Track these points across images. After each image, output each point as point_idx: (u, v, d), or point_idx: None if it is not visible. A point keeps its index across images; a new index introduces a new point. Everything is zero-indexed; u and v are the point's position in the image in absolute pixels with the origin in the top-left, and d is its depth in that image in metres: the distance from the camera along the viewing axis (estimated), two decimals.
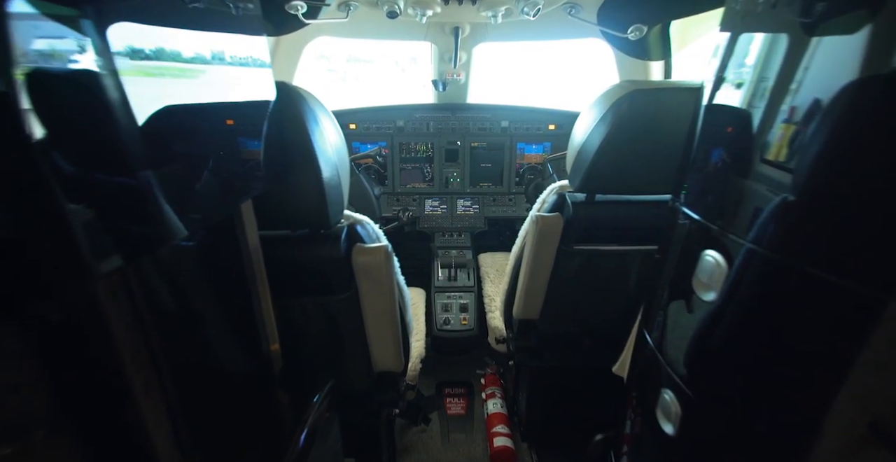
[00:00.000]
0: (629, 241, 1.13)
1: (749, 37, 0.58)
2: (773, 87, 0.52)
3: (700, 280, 0.60)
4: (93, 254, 0.42)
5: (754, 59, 0.55)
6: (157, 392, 0.52)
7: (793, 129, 0.49)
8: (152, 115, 0.51)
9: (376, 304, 0.95)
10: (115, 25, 0.46)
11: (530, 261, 1.17)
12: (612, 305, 1.30)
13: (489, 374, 2.02)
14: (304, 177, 0.76)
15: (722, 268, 0.55)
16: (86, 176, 0.42)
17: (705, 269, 0.58)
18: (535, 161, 2.28)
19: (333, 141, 0.84)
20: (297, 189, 0.78)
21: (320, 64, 11.25)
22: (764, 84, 0.53)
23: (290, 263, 0.87)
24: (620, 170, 0.98)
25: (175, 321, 0.64)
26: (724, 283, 0.55)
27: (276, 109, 0.73)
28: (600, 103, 0.97)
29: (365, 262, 0.89)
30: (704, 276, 0.59)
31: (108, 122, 0.44)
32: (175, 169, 0.61)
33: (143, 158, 0.51)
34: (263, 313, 0.77)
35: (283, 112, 0.73)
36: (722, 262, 0.55)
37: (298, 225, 0.87)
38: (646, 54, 1.58)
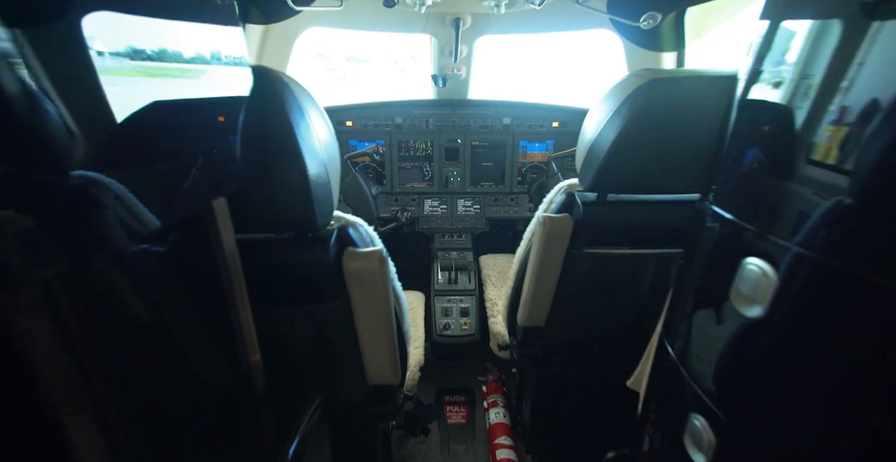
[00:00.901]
0: (643, 243, 1.05)
1: (793, 24, 0.51)
2: (824, 79, 0.45)
3: (741, 292, 0.52)
4: (16, 260, 0.35)
5: (799, 51, 0.49)
6: (101, 418, 0.44)
7: (850, 126, 0.43)
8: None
9: (370, 314, 0.87)
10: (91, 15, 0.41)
11: (537, 265, 1.09)
12: (623, 312, 1.22)
13: (491, 381, 1.94)
14: (287, 174, 0.68)
15: (770, 279, 0.47)
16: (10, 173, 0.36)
17: (748, 280, 0.50)
18: (537, 159, 2.21)
19: (322, 134, 0.75)
20: (279, 187, 0.69)
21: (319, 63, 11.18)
22: (810, 78, 0.47)
23: (274, 270, 0.79)
24: (636, 167, 0.90)
25: (131, 336, 0.56)
26: (774, 297, 0.47)
27: (253, 98, 0.64)
28: (615, 95, 0.88)
29: (357, 268, 0.81)
30: (747, 288, 0.50)
31: (35, 114, 0.38)
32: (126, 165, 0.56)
33: (84, 154, 0.44)
34: (242, 325, 0.69)
35: (261, 101, 0.65)
36: (770, 273, 0.47)
37: (282, 227, 0.78)
38: (658, 45, 1.50)
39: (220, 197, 0.62)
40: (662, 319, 0.79)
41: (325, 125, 0.78)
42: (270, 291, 0.80)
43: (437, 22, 1.69)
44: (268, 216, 0.73)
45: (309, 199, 0.70)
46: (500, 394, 1.86)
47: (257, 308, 0.77)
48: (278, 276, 0.80)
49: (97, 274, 0.57)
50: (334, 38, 10.53)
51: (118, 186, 0.73)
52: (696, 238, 0.68)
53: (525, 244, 1.22)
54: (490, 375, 1.98)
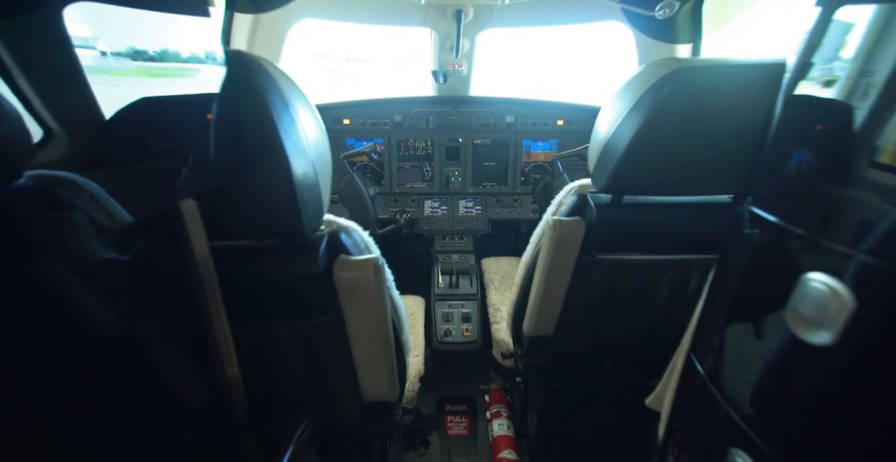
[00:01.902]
0: (661, 249, 0.97)
1: (852, 11, 0.45)
2: (892, 75, 0.40)
3: (800, 313, 0.44)
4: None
5: (860, 42, 0.45)
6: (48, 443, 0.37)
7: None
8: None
9: (365, 327, 0.78)
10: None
11: (545, 271, 1.01)
12: (638, 322, 1.14)
13: (494, 390, 1.86)
14: (268, 173, 0.60)
15: (844, 301, 0.39)
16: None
17: (812, 300, 0.42)
18: (541, 159, 2.15)
19: (310, 130, 0.67)
20: (259, 189, 0.61)
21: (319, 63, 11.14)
22: (870, 75, 0.42)
23: (256, 281, 0.70)
24: (657, 167, 0.81)
25: (86, 353, 0.49)
26: (849, 322, 0.39)
27: (227, 87, 0.56)
28: (633, 87, 0.80)
29: (349, 279, 0.73)
30: (810, 309, 0.42)
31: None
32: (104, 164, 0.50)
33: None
34: (219, 341, 0.61)
35: (237, 90, 0.56)
36: (844, 293, 0.39)
37: (265, 233, 0.69)
38: (673, 36, 1.42)
39: (187, 199, 0.54)
40: (690, 333, 0.71)
41: (313, 120, 0.70)
42: (252, 304, 0.72)
43: (438, 14, 1.62)
44: (248, 221, 0.65)
45: (294, 201, 0.61)
46: (504, 403, 1.78)
47: (237, 323, 0.69)
48: (261, 288, 0.71)
49: (53, 281, 0.51)
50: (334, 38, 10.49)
51: (94, 187, 0.66)
52: (733, 244, 0.60)
53: (532, 249, 1.14)
54: (493, 384, 1.90)
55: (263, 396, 0.80)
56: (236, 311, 0.68)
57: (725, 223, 0.93)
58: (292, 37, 1.69)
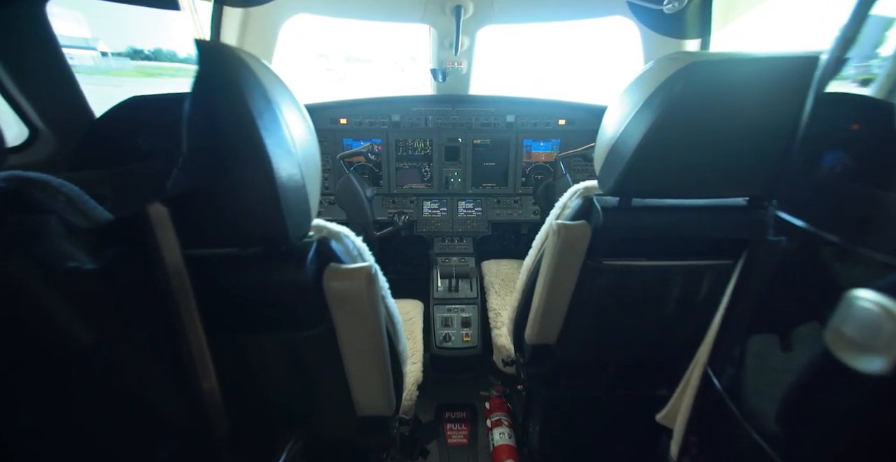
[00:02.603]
0: (671, 254, 0.92)
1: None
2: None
3: (845, 335, 0.38)
4: None
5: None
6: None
7: None
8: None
9: (358, 340, 0.73)
10: None
11: (549, 278, 0.96)
12: (645, 330, 1.09)
13: (494, 397, 1.81)
14: (247, 175, 0.54)
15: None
16: None
17: (861, 322, 0.37)
18: (542, 159, 2.10)
19: (297, 129, 0.61)
20: (239, 193, 0.55)
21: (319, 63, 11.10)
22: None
23: (238, 292, 0.65)
24: (669, 168, 0.76)
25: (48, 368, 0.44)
26: None
27: (201, 82, 0.51)
28: (643, 84, 0.75)
29: (340, 289, 0.68)
30: (858, 332, 0.37)
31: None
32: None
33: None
34: (193, 354, 0.56)
35: (212, 84, 0.51)
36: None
37: (247, 241, 0.64)
38: (681, 31, 1.36)
39: (155, 203, 0.49)
40: (707, 347, 0.66)
41: (300, 118, 0.64)
42: (235, 316, 0.66)
43: (437, 10, 1.57)
44: (227, 227, 0.59)
45: (277, 206, 0.56)
46: (505, 411, 1.73)
47: (219, 335, 0.64)
48: (244, 299, 0.66)
49: (18, 289, 0.46)
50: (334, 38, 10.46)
51: (71, 189, 0.61)
52: (756, 251, 0.55)
53: (534, 253, 1.09)
54: (493, 391, 1.85)
55: (248, 413, 0.75)
56: (217, 322, 0.63)
57: (740, 227, 0.89)
58: (287, 34, 1.64)
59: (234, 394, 0.65)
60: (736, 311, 0.59)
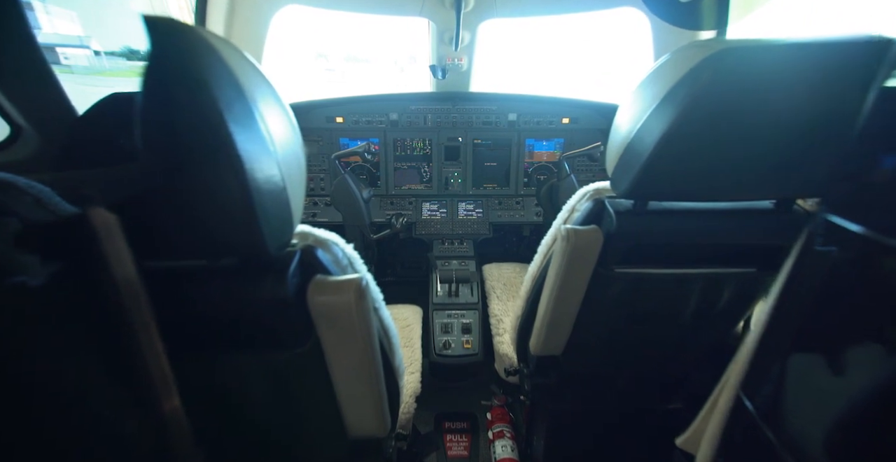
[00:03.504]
0: (688, 261, 0.85)
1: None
2: None
3: None
4: None
5: None
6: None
7: None
8: None
9: (348, 359, 0.66)
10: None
11: (556, 286, 0.89)
12: (658, 341, 1.02)
13: (496, 407, 1.74)
14: (214, 178, 0.46)
15: None
16: None
17: None
18: (544, 159, 2.04)
19: (277, 125, 0.53)
20: (204, 197, 0.47)
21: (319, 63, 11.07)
22: None
23: (210, 308, 0.57)
24: (692, 168, 0.68)
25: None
26: None
27: (154, 65, 0.43)
28: (663, 76, 0.67)
29: (326, 304, 0.60)
30: None
31: None
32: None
33: None
34: (154, 378, 0.49)
35: (168, 70, 0.44)
36: None
37: (217, 251, 0.55)
38: (696, 23, 1.29)
39: (97, 209, 0.41)
40: (739, 369, 0.59)
41: (281, 112, 0.56)
42: (206, 335, 0.59)
43: (437, 3, 1.50)
44: (193, 236, 0.52)
45: (251, 211, 0.48)
46: (507, 422, 1.65)
47: (187, 356, 0.56)
48: (215, 316, 0.58)
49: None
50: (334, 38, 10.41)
51: (40, 190, 0.54)
52: (804, 262, 0.48)
53: (540, 259, 1.02)
54: (495, 400, 1.77)
55: (225, 439, 0.67)
56: (186, 341, 0.56)
57: (770, 232, 0.81)
58: (283, 30, 1.57)
59: (208, 418, 0.58)
60: (778, 329, 0.52)
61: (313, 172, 1.99)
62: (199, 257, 0.56)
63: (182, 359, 0.54)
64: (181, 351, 0.54)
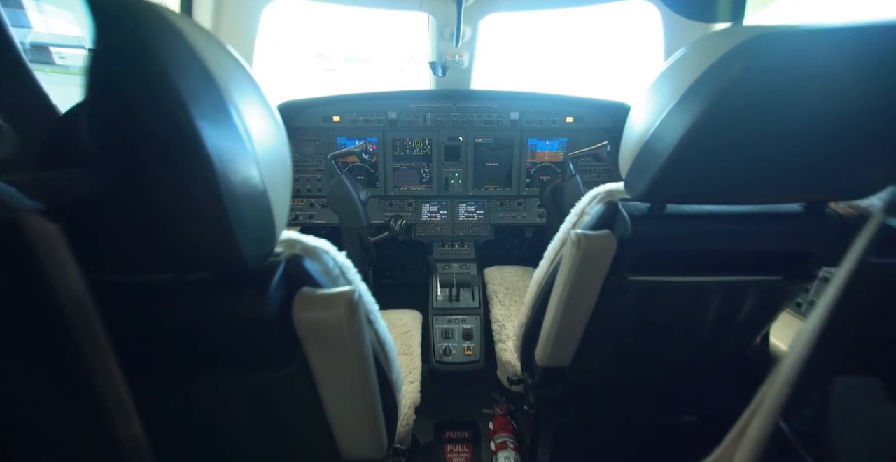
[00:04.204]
0: (708, 269, 0.78)
1: None
2: None
3: None
4: None
5: None
6: None
7: None
8: None
9: (339, 379, 0.59)
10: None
11: (565, 295, 0.83)
12: (672, 352, 0.96)
13: (498, 416, 1.67)
14: (176, 178, 0.40)
15: None
16: None
17: None
18: (547, 159, 1.98)
19: (256, 121, 0.45)
20: (165, 201, 0.41)
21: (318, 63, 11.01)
22: None
23: (182, 326, 0.51)
24: (718, 169, 0.62)
25: None
26: None
27: (103, 52, 0.36)
28: (685, 68, 0.60)
29: (314, 321, 0.53)
30: None
31: None
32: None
33: None
34: (109, 405, 0.42)
35: (120, 57, 0.37)
36: None
37: (186, 264, 0.48)
38: (711, 15, 1.22)
39: (33, 215, 0.35)
40: (776, 393, 0.53)
41: (261, 106, 0.49)
42: (177, 356, 0.53)
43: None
44: (158, 247, 0.45)
45: (223, 218, 0.42)
46: (510, 432, 1.59)
47: (156, 381, 0.50)
48: (187, 336, 0.52)
49: None
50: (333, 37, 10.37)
51: (6, 190, 0.48)
52: (861, 272, 0.42)
53: (546, 265, 0.96)
54: (497, 408, 1.71)
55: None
56: (154, 363, 0.50)
57: (796, 238, 0.75)
58: (281, 28, 1.51)
59: (183, 444, 0.52)
60: (826, 349, 0.46)
61: (310, 173, 1.94)
62: (165, 271, 0.49)
63: (152, 382, 0.48)
64: (150, 373, 0.48)
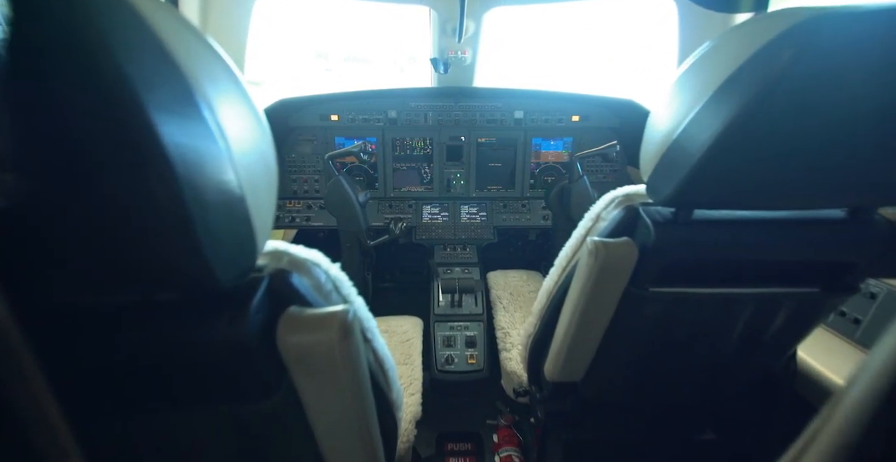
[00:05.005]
0: (738, 280, 0.72)
1: None
2: None
3: None
4: None
5: None
6: None
7: None
8: None
9: (331, 408, 0.52)
10: None
11: (579, 307, 0.76)
12: (694, 368, 0.89)
13: (503, 427, 1.61)
14: (129, 184, 0.33)
15: None
16: None
17: None
18: (551, 160, 1.92)
19: (234, 116, 0.38)
20: (116, 212, 0.34)
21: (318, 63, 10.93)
22: None
23: (145, 355, 0.43)
24: (758, 170, 0.54)
25: None
26: None
27: (26, 25, 0.28)
28: (720, 60, 0.54)
29: (302, 345, 0.46)
30: None
31: None
32: None
33: None
34: (38, 446, 0.36)
35: (49, 33, 0.29)
36: None
37: (145, 286, 0.41)
38: (732, 5, 1.15)
39: None
40: (839, 427, 0.46)
41: (240, 100, 0.41)
42: (145, 388, 0.46)
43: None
44: (109, 266, 0.38)
45: (189, 231, 0.35)
46: (515, 444, 1.52)
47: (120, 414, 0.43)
48: (154, 366, 0.45)
49: None
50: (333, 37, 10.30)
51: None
52: None
53: (557, 274, 0.89)
54: (502, 419, 1.65)
55: None
56: (120, 395, 0.43)
57: (839, 247, 0.68)
58: (280, 27, 1.44)
59: None
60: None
61: (307, 173, 1.88)
62: (119, 293, 0.41)
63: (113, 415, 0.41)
64: (111, 406, 0.41)
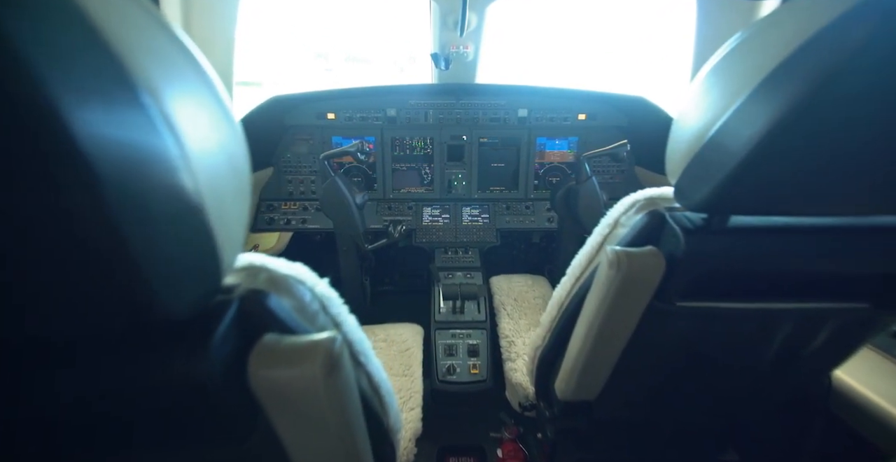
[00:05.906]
0: (779, 293, 0.64)
1: None
2: None
3: None
4: None
5: None
6: None
7: None
8: None
9: (318, 451, 0.45)
10: None
11: (598, 323, 0.68)
12: (722, 388, 0.81)
13: (507, 441, 1.53)
14: (31, 189, 0.24)
15: None
16: None
17: None
18: (556, 160, 1.86)
19: (191, 106, 0.29)
20: (15, 224, 0.26)
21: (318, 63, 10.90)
22: None
23: (85, 397, 0.35)
24: (812, 171, 0.47)
25: None
26: None
27: None
28: (769, 44, 0.46)
29: (277, 381, 0.38)
30: None
31: None
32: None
33: None
34: None
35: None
36: None
37: (72, 318, 0.31)
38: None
39: None
40: None
41: (205, 95, 0.31)
42: (91, 433, 0.38)
43: None
44: (37, 297, 0.29)
45: (121, 250, 0.27)
46: (521, 460, 1.45)
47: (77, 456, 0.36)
48: (98, 409, 0.37)
49: None
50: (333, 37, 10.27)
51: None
52: None
53: (570, 284, 0.81)
54: (506, 432, 1.57)
55: None
56: (61, 440, 0.35)
57: None
58: (279, 27, 1.37)
59: None
60: None
61: (303, 174, 1.82)
62: (46, 331, 0.33)
63: None
64: (56, 452, 0.33)
